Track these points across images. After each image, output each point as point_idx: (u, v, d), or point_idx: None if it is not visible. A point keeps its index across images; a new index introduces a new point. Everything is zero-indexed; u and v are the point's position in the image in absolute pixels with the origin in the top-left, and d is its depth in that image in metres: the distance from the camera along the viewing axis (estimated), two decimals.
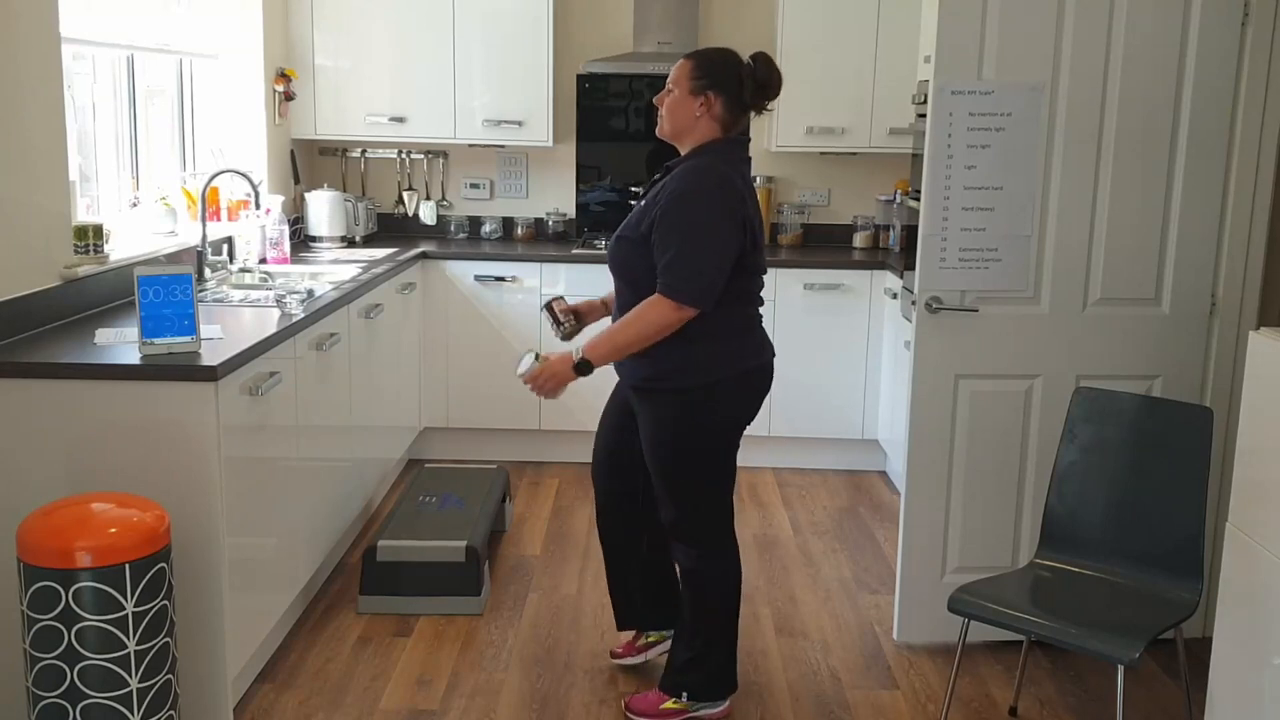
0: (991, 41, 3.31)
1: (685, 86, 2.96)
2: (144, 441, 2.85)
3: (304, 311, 3.55)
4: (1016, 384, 3.53)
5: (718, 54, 3.01)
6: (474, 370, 5.28)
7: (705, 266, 2.86)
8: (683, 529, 3.11)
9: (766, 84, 2.97)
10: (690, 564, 3.13)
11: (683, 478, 3.06)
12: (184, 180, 4.73)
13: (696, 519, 3.10)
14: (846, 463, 5.45)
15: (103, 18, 4.03)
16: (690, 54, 3.01)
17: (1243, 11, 3.38)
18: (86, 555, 2.49)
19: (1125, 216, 3.45)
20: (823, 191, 5.79)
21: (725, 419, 3.04)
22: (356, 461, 4.28)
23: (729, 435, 3.07)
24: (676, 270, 2.86)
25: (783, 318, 5.19)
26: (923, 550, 3.59)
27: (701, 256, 2.86)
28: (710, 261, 2.87)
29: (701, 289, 2.86)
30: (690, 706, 3.18)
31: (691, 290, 2.86)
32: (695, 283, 2.86)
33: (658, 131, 3.05)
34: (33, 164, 3.17)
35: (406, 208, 5.75)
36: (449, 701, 3.26)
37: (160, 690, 2.63)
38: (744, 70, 2.97)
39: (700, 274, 2.85)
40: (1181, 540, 2.95)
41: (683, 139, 3.01)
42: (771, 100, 3.01)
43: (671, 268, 2.86)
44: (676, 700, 3.17)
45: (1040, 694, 3.37)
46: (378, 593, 3.79)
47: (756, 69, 2.96)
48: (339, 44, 5.33)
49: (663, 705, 3.18)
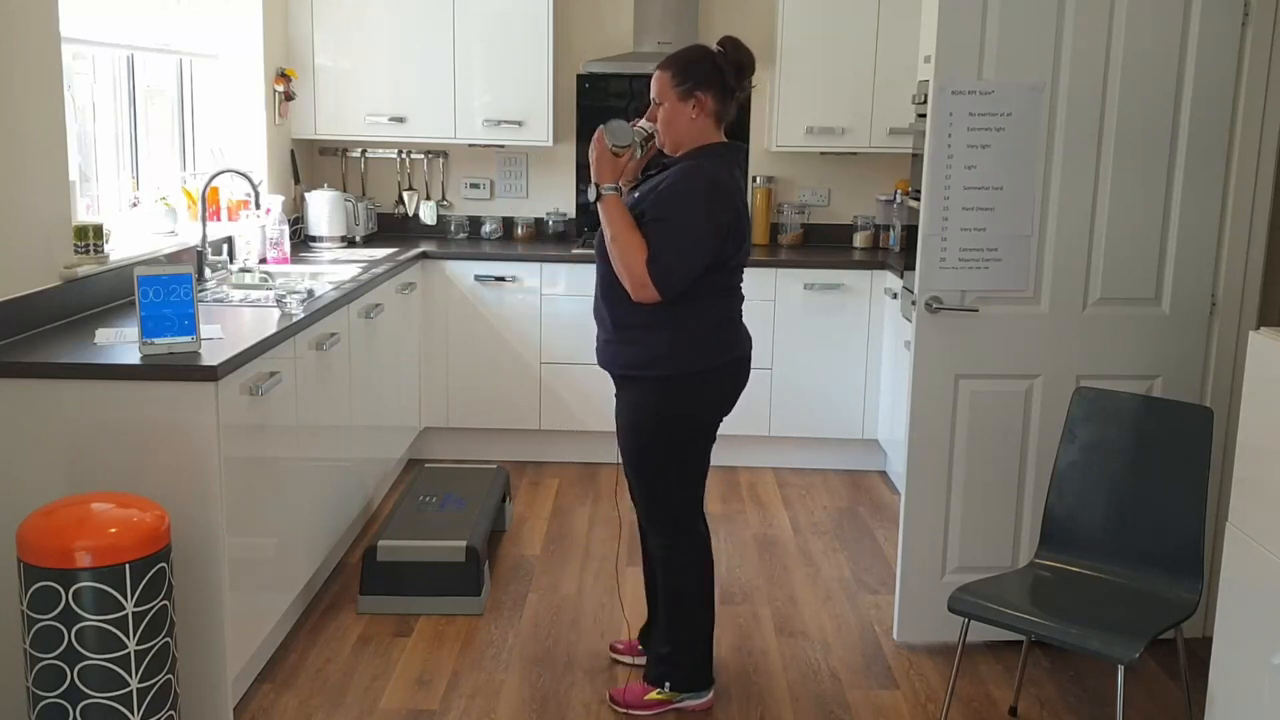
0: (991, 41, 3.31)
1: (672, 96, 3.02)
2: (144, 441, 2.85)
3: (304, 311, 3.55)
4: (1016, 384, 3.53)
5: (689, 53, 3.07)
6: (474, 370, 5.28)
7: (676, 264, 2.93)
8: (654, 516, 3.18)
9: (741, 64, 3.04)
10: (663, 552, 3.20)
11: (656, 465, 3.12)
12: (184, 180, 4.73)
13: (668, 507, 3.16)
14: (846, 463, 5.45)
15: (103, 18, 4.02)
16: (663, 63, 3.07)
17: (1243, 11, 3.38)
18: (86, 555, 2.49)
19: (1125, 216, 3.45)
20: (823, 191, 5.79)
21: (705, 409, 3.11)
22: (356, 461, 4.28)
23: (706, 426, 3.14)
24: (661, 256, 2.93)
25: (783, 318, 5.19)
26: (923, 550, 3.59)
27: (676, 254, 2.94)
28: (684, 261, 2.94)
29: (668, 283, 2.93)
30: (674, 697, 3.21)
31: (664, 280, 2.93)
32: (664, 276, 2.93)
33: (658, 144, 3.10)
34: (33, 164, 3.17)
35: (406, 208, 5.75)
36: (449, 701, 3.26)
37: (160, 690, 2.63)
38: (718, 60, 3.03)
39: (670, 270, 2.93)
40: (1181, 540, 2.95)
41: (682, 144, 3.07)
42: (750, 77, 3.07)
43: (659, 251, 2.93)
44: (660, 691, 3.20)
45: (1040, 694, 3.37)
46: (378, 593, 3.79)
47: (729, 53, 3.03)
48: (339, 44, 5.33)
49: (647, 696, 3.21)
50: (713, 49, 3.05)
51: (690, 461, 3.14)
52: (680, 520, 3.17)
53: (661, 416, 3.06)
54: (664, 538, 3.18)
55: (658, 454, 3.10)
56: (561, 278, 5.22)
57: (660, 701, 3.21)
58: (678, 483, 3.14)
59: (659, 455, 3.10)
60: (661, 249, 2.92)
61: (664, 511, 3.17)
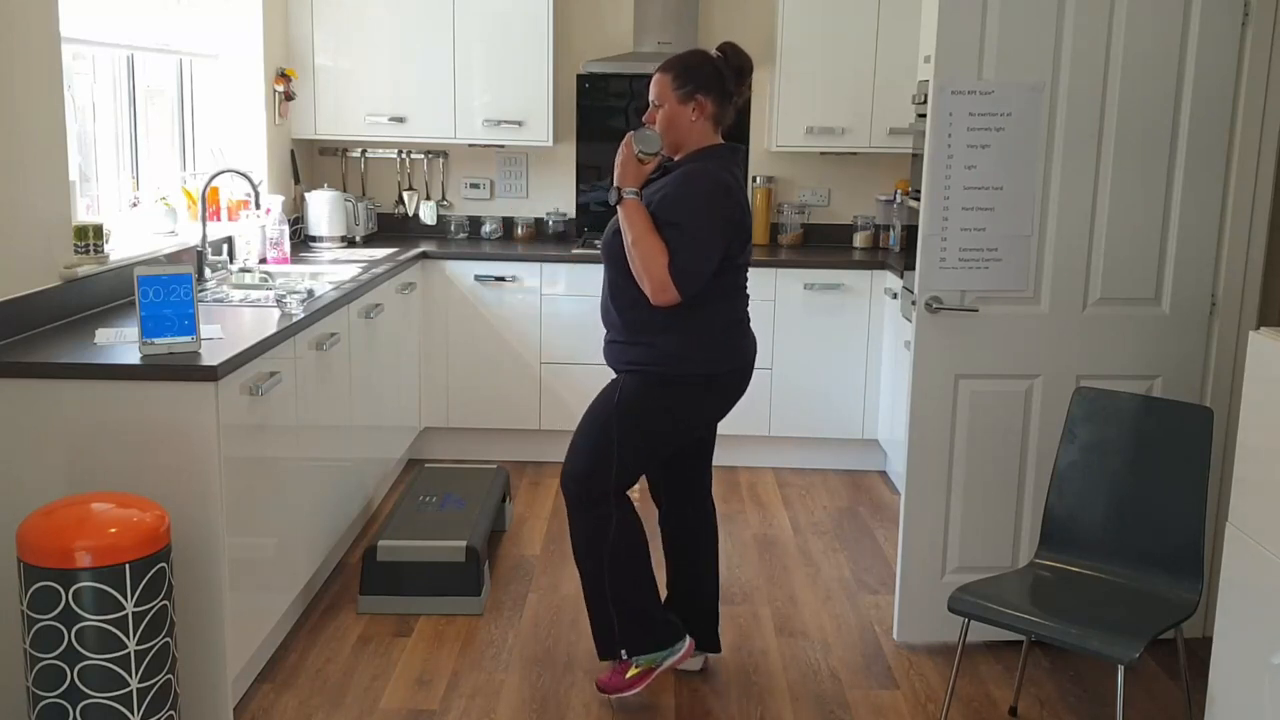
0: (991, 41, 3.31)
1: (673, 98, 3.05)
2: (144, 441, 2.85)
3: (304, 311, 3.55)
4: (1016, 384, 3.53)
5: (691, 57, 3.10)
6: (474, 370, 5.28)
7: (694, 267, 2.96)
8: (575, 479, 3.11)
9: (741, 69, 3.08)
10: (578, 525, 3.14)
11: (618, 440, 3.07)
12: (184, 180, 4.73)
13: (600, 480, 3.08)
14: (846, 463, 5.45)
15: (103, 18, 4.02)
16: (663, 66, 3.08)
17: (1243, 11, 3.38)
18: (86, 555, 2.49)
19: (1125, 216, 3.45)
20: (823, 191, 5.79)
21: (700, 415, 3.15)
22: (356, 461, 4.28)
23: (692, 430, 3.18)
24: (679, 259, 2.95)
25: (783, 318, 5.19)
26: (923, 550, 3.59)
27: (693, 257, 2.96)
28: (702, 263, 2.98)
29: (688, 285, 2.97)
30: (650, 663, 3.19)
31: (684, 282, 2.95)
32: (684, 278, 2.96)
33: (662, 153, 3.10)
34: (33, 164, 3.17)
35: (406, 208, 5.75)
36: (449, 701, 3.26)
37: (160, 690, 2.63)
38: (718, 64, 3.06)
39: (688, 273, 2.96)
40: (1181, 540, 2.95)
41: (681, 147, 3.09)
42: (749, 82, 3.10)
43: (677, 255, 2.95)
44: (630, 662, 3.18)
45: (1040, 694, 3.37)
46: (378, 593, 3.79)
47: (729, 58, 3.06)
48: (339, 44, 5.33)
49: (626, 675, 3.19)
50: (712, 54, 3.07)
51: (654, 451, 3.16)
52: (595, 493, 3.10)
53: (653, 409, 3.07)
54: (572, 499, 3.12)
55: (629, 432, 3.06)
56: (561, 278, 5.22)
57: (642, 672, 3.18)
58: (622, 468, 3.09)
59: (629, 434, 3.07)
60: (679, 252, 2.94)
61: (587, 483, 3.10)
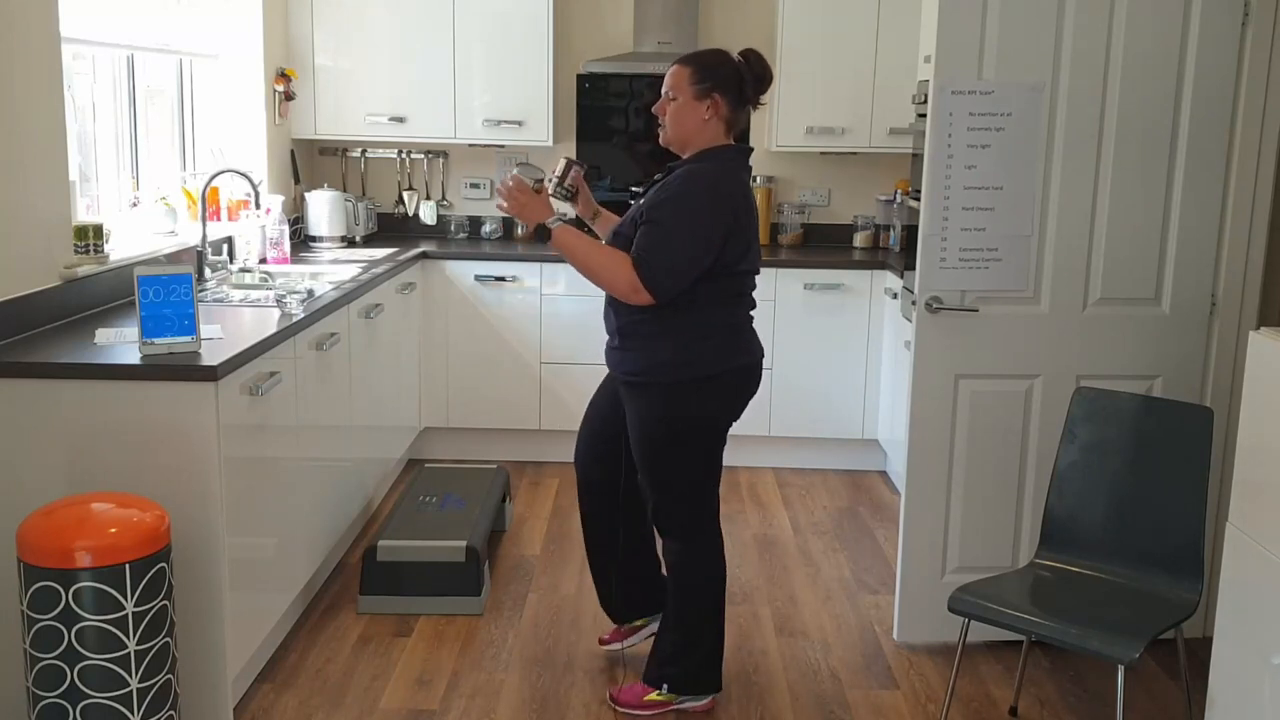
0: (991, 41, 3.31)
1: (689, 92, 2.99)
2: (144, 441, 2.85)
3: (304, 311, 3.55)
4: (1016, 384, 3.53)
5: (713, 55, 3.05)
6: (474, 370, 5.28)
7: (663, 264, 2.92)
8: (667, 522, 3.17)
9: (762, 78, 3.02)
10: (674, 558, 3.19)
11: (668, 472, 3.11)
12: (184, 180, 4.73)
13: (680, 513, 3.15)
14: (846, 463, 5.45)
15: (103, 18, 4.02)
16: (684, 59, 3.04)
17: (1243, 11, 3.38)
18: (86, 555, 2.49)
19: (1125, 216, 3.45)
20: (823, 191, 5.79)
21: (712, 415, 3.10)
22: (356, 461, 4.28)
23: (716, 431, 3.13)
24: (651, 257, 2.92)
25: (783, 318, 5.19)
26: (923, 550, 3.59)
27: (665, 254, 2.92)
28: (674, 260, 2.93)
29: (659, 283, 2.92)
30: (673, 699, 3.21)
31: (656, 282, 2.92)
32: (660, 277, 2.92)
33: (662, 140, 3.09)
34: (33, 164, 3.17)
35: (406, 207, 5.75)
36: (449, 701, 3.26)
37: (160, 690, 2.63)
38: (739, 68, 3.01)
39: (658, 269, 2.92)
40: (1181, 540, 2.95)
41: (689, 145, 3.04)
42: (765, 92, 3.06)
43: (649, 252, 2.92)
44: (659, 692, 3.20)
45: (1040, 694, 3.37)
46: (378, 593, 3.79)
47: (751, 64, 3.01)
48: (339, 44, 5.33)
49: (646, 697, 3.21)
50: (734, 57, 3.02)
51: (700, 466, 3.13)
52: (692, 523, 3.15)
53: (668, 423, 3.05)
54: (676, 540, 3.17)
55: (668, 460, 3.09)
56: (561, 278, 5.22)
57: (660, 702, 3.20)
58: (689, 487, 3.13)
59: (669, 461, 3.09)
60: (649, 250, 2.91)
61: (676, 515, 3.15)
